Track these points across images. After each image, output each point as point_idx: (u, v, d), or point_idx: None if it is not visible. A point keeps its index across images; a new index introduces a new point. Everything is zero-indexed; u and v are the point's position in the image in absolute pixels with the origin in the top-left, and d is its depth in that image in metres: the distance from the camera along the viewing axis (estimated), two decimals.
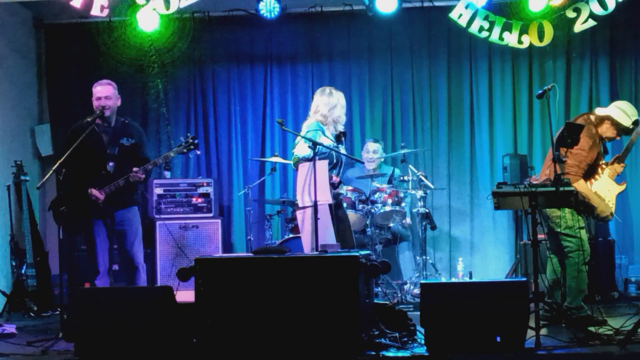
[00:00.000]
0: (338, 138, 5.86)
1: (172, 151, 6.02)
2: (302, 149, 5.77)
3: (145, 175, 5.86)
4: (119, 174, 5.80)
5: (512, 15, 7.23)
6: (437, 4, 7.87)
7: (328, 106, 5.95)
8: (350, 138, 7.92)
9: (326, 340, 4.59)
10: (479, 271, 7.79)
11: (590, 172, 5.65)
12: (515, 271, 7.46)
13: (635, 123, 5.71)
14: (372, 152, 7.59)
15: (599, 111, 5.82)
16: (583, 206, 5.57)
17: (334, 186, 5.77)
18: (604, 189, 5.69)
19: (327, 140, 5.86)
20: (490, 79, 8.16)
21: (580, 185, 5.51)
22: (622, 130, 5.74)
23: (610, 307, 6.52)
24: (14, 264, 7.29)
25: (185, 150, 5.97)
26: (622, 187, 5.82)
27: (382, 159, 7.69)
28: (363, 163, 7.47)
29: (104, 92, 5.88)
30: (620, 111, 5.70)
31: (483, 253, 8.06)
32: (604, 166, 5.76)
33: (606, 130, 5.72)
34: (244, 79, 8.45)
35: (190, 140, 5.96)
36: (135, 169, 5.77)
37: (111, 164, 5.83)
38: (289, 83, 8.39)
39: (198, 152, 6.20)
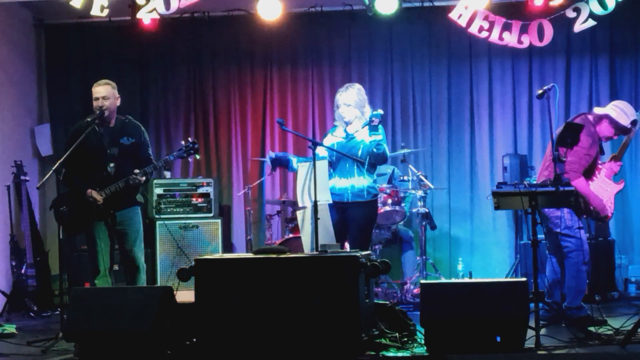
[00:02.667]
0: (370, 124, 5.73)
1: (172, 155, 6.00)
2: None
3: (146, 178, 5.86)
4: (120, 174, 5.77)
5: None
6: (437, 4, 7.87)
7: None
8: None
9: (326, 340, 4.59)
10: (479, 271, 7.79)
11: (588, 172, 5.65)
12: (515, 271, 7.46)
13: (633, 123, 5.72)
14: None
15: (598, 111, 5.83)
16: (582, 205, 5.57)
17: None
18: (601, 189, 5.69)
19: (329, 140, 5.91)
20: (490, 79, 8.16)
21: (580, 183, 5.51)
22: (620, 129, 5.74)
23: (610, 307, 6.52)
24: (14, 264, 7.29)
25: (185, 155, 5.95)
26: (620, 186, 5.82)
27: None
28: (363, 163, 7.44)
29: (102, 92, 5.85)
30: (619, 110, 5.70)
31: (483, 253, 8.06)
32: (600, 166, 5.76)
33: (604, 129, 5.73)
34: (244, 79, 8.45)
35: (191, 145, 5.94)
36: (136, 171, 5.75)
37: (112, 164, 5.81)
38: (289, 83, 8.39)
39: (198, 157, 6.16)
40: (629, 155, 7.82)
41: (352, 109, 5.84)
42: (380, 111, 5.77)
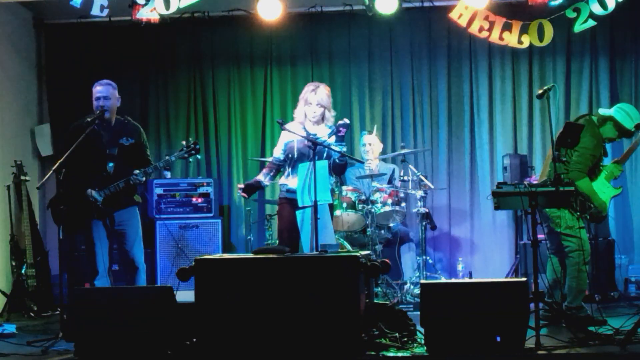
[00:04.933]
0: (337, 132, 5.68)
1: (173, 156, 5.98)
2: None
3: (146, 178, 5.86)
4: (119, 174, 5.78)
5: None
6: (437, 4, 7.86)
7: None
8: (350, 138, 7.90)
9: (326, 340, 4.59)
10: (479, 271, 7.79)
11: (589, 173, 5.65)
12: (516, 271, 7.46)
13: (637, 126, 5.72)
14: (368, 144, 7.58)
15: (602, 112, 5.83)
16: (581, 205, 5.56)
17: None
18: (599, 191, 5.69)
19: (287, 137, 5.85)
20: (490, 79, 8.16)
21: (584, 183, 5.51)
22: (623, 132, 5.74)
23: (610, 307, 6.52)
24: (14, 264, 7.29)
25: (186, 155, 5.94)
26: (617, 191, 5.83)
27: (379, 150, 7.65)
28: (363, 162, 7.44)
29: (103, 92, 5.86)
30: (624, 113, 5.70)
31: (483, 253, 8.06)
32: (601, 168, 5.76)
33: (608, 131, 5.73)
34: (244, 79, 8.45)
35: (192, 145, 5.93)
36: (136, 171, 5.76)
37: (111, 164, 5.81)
38: (289, 83, 8.39)
39: (199, 157, 6.16)
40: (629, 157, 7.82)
41: (322, 109, 5.79)
42: (347, 121, 5.70)
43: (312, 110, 5.78)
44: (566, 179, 5.35)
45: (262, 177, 5.96)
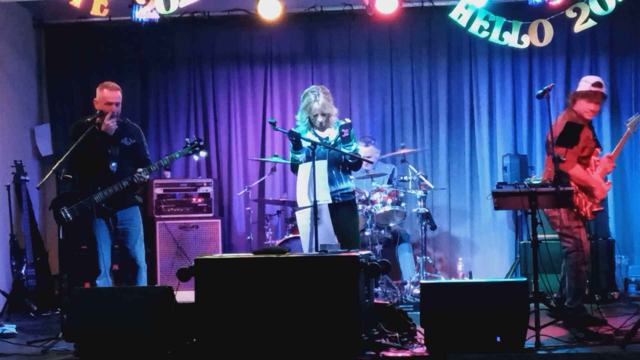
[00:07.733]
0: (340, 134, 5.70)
1: (177, 152, 5.99)
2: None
3: (148, 176, 5.89)
4: (121, 173, 5.81)
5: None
6: (437, 4, 7.86)
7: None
8: None
9: (326, 340, 4.60)
10: (479, 271, 7.79)
11: (583, 164, 5.62)
12: (515, 271, 7.46)
13: (596, 84, 5.64)
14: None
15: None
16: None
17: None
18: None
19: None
20: (490, 79, 8.15)
21: (576, 171, 5.48)
22: (591, 98, 5.61)
23: (610, 307, 6.52)
24: (14, 264, 7.29)
25: (190, 152, 5.95)
26: (607, 187, 5.82)
27: (377, 156, 7.64)
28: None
29: (116, 98, 5.89)
30: (582, 82, 5.71)
31: (483, 253, 8.06)
32: (597, 162, 5.74)
33: (579, 105, 5.66)
34: (244, 79, 8.45)
35: (196, 142, 5.94)
36: (139, 170, 5.78)
37: (114, 164, 5.83)
38: (289, 83, 8.39)
39: (203, 154, 6.16)
40: (629, 155, 7.83)
41: (326, 116, 5.73)
42: (348, 120, 5.72)
43: (317, 120, 5.73)
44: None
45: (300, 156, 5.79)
